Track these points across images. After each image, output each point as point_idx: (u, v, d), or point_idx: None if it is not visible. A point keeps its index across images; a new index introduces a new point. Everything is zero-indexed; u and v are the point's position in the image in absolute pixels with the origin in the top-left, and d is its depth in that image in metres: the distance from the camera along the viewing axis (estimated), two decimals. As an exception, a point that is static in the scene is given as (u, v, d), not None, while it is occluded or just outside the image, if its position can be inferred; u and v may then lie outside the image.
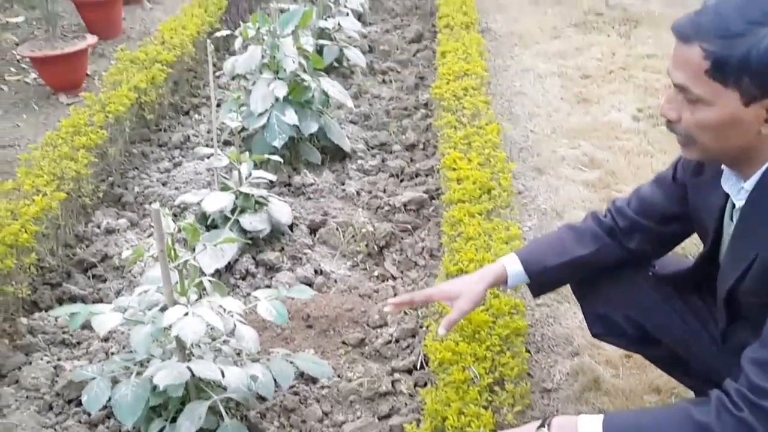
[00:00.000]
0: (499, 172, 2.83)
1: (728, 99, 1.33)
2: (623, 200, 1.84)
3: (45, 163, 2.94)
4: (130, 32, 5.56)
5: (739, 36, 1.29)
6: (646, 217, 1.77)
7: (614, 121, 3.99)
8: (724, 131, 1.37)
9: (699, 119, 1.38)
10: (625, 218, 1.79)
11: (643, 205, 1.78)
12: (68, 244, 2.91)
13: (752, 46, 1.27)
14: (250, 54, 3.42)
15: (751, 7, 1.30)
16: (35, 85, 4.68)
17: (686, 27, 1.36)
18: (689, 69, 1.35)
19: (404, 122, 3.99)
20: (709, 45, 1.31)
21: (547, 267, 1.82)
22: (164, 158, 3.67)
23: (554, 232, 1.93)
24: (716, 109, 1.35)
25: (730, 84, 1.32)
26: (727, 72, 1.31)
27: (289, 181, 3.41)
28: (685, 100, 1.40)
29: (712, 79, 1.33)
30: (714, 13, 1.33)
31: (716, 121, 1.36)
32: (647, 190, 1.79)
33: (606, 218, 1.84)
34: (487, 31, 5.22)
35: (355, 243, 2.97)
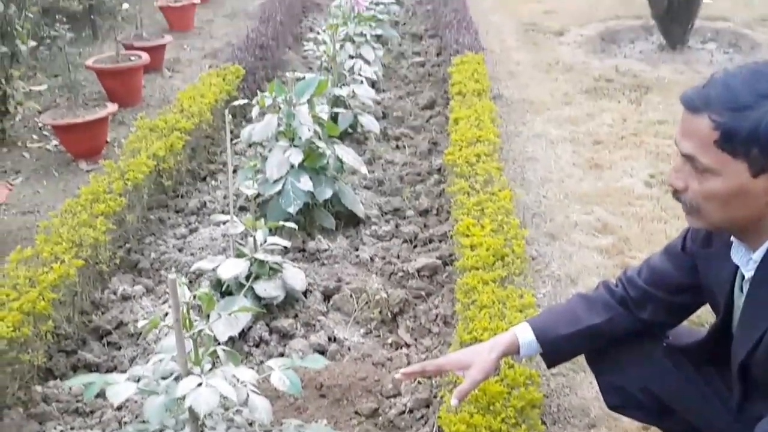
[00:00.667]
0: (513, 238, 2.84)
1: (737, 170, 1.35)
2: (634, 270, 1.84)
3: (64, 230, 2.98)
4: (150, 100, 5.69)
5: (749, 108, 1.32)
6: (657, 288, 1.77)
7: (627, 186, 4.01)
8: (731, 202, 1.39)
9: (706, 189, 1.40)
10: (636, 288, 1.79)
11: (654, 275, 1.78)
12: (84, 310, 2.93)
13: (761, 119, 1.30)
14: (267, 122, 3.49)
15: (760, 80, 1.33)
16: (56, 152, 4.78)
17: (695, 98, 1.39)
18: (698, 139, 1.38)
19: (418, 188, 4.02)
20: (719, 116, 1.34)
21: (559, 336, 1.81)
22: (181, 224, 3.71)
23: (566, 302, 1.94)
24: (724, 179, 1.37)
25: (738, 155, 1.34)
26: (736, 143, 1.33)
27: (303, 247, 3.43)
28: (692, 169, 1.42)
29: (721, 149, 1.35)
30: (723, 86, 1.36)
31: (724, 191, 1.38)
32: (657, 260, 1.80)
33: (617, 288, 1.84)
34: (498, 97, 5.30)
35: (369, 310, 2.97)
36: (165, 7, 7.48)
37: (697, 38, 6.69)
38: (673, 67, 5.96)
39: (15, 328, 2.40)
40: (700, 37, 6.73)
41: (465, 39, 5.60)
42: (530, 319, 1.88)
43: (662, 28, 6.41)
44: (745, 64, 1.42)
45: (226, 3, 8.70)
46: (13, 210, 4.03)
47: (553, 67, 6.10)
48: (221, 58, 6.37)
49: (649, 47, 6.59)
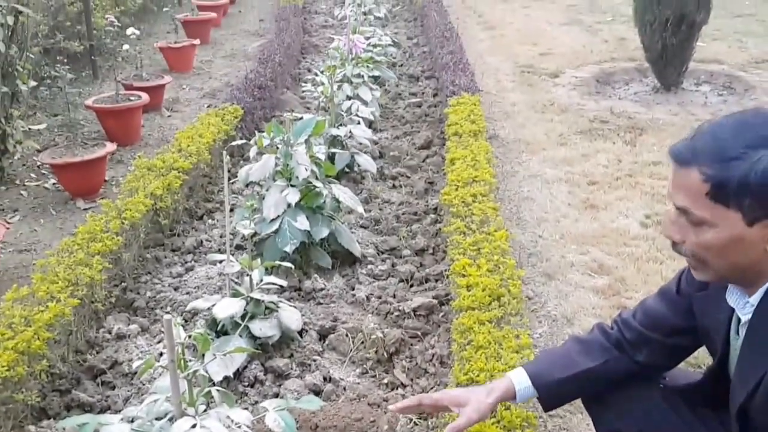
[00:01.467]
0: (509, 278, 2.85)
1: (731, 220, 1.36)
2: (629, 312, 1.84)
3: (60, 269, 2.99)
4: (149, 139, 5.73)
5: (737, 159, 1.32)
6: (653, 330, 1.77)
7: (622, 227, 4.03)
8: (729, 251, 1.39)
9: (703, 241, 1.40)
10: (632, 330, 1.79)
11: (649, 317, 1.78)
12: (79, 350, 2.91)
13: (750, 169, 1.31)
14: (264, 162, 3.51)
15: (746, 130, 1.34)
16: (54, 191, 4.80)
17: (684, 152, 1.40)
18: (690, 192, 1.38)
19: (414, 227, 4.04)
20: (708, 169, 1.35)
21: (554, 381, 1.80)
22: (177, 263, 3.71)
23: (562, 345, 1.93)
24: (720, 230, 1.37)
25: (731, 205, 1.34)
26: (728, 194, 1.34)
27: (299, 286, 3.43)
28: (687, 222, 1.42)
29: (714, 201, 1.36)
30: (710, 137, 1.37)
31: (721, 241, 1.38)
32: (652, 302, 1.80)
33: (613, 330, 1.83)
34: (494, 137, 5.35)
35: (365, 349, 2.96)
36: (165, 47, 7.57)
37: (691, 80, 6.78)
38: (668, 109, 6.03)
39: (9, 367, 2.39)
40: (694, 79, 6.83)
41: (461, 80, 5.67)
42: (526, 364, 1.87)
43: (656, 71, 6.50)
44: (731, 114, 1.43)
45: (225, 44, 8.81)
46: (9, 248, 4.03)
47: (548, 108, 6.17)
48: (220, 98, 6.43)
49: (644, 89, 6.67)
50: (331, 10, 10.27)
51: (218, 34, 9.22)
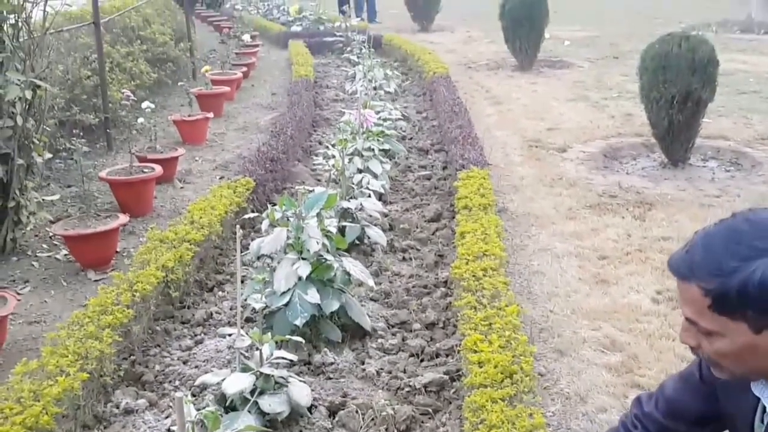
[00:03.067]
0: (521, 355, 2.83)
1: (738, 330, 1.37)
2: (650, 402, 1.81)
3: (70, 342, 2.98)
4: (161, 210, 5.78)
5: (733, 272, 1.34)
6: (677, 420, 1.75)
7: (633, 303, 4.00)
8: (742, 358, 1.40)
9: (716, 349, 1.42)
10: (655, 423, 1.78)
11: (672, 407, 1.76)
12: (86, 425, 2.88)
13: (747, 280, 1.32)
14: (276, 235, 3.54)
15: (738, 241, 1.36)
16: (65, 262, 4.82)
17: (681, 266, 1.42)
18: (694, 306, 1.40)
19: (424, 300, 4.03)
20: (706, 283, 1.37)
21: None
22: (186, 336, 3.70)
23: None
24: (729, 340, 1.38)
25: (735, 317, 1.36)
26: (730, 306, 1.35)
27: (309, 360, 3.41)
28: (698, 331, 1.43)
29: (718, 313, 1.37)
30: (704, 251, 1.39)
31: (733, 350, 1.39)
32: (673, 389, 1.78)
33: (637, 429, 1.80)
34: (503, 211, 5.38)
35: (375, 427, 2.92)
36: (179, 120, 7.71)
37: (698, 156, 6.84)
38: (676, 184, 6.06)
39: (16, 443, 2.36)
40: (701, 155, 6.88)
41: (470, 154, 5.74)
42: None
43: (663, 147, 6.56)
44: (721, 222, 1.44)
45: (238, 117, 8.97)
46: (20, 320, 4.03)
47: (556, 182, 6.21)
48: (232, 170, 6.51)
49: (651, 164, 6.72)
50: (342, 84, 10.48)
51: (231, 107, 9.40)
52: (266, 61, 13.00)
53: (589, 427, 2.95)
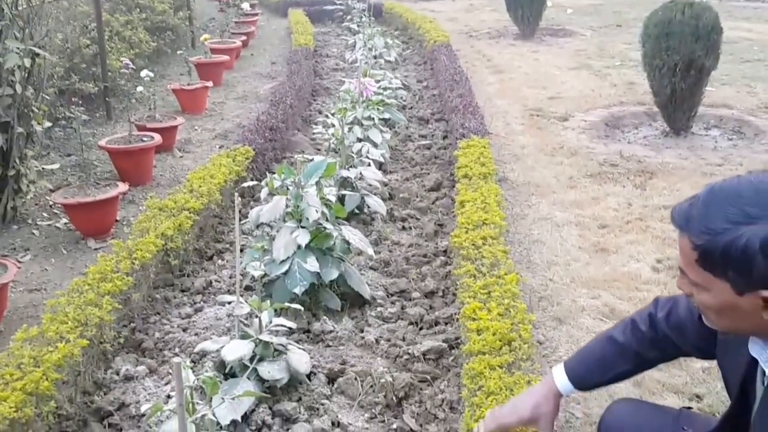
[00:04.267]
0: (520, 323, 2.83)
1: (721, 288, 1.39)
2: (664, 309, 1.85)
3: (70, 309, 2.99)
4: (161, 179, 5.77)
5: (720, 233, 1.36)
6: (682, 338, 1.81)
7: (633, 271, 4.01)
8: (725, 314, 1.43)
9: (701, 301, 1.46)
10: (662, 331, 1.84)
11: (677, 324, 1.81)
12: (87, 391, 2.90)
13: (731, 244, 1.34)
14: (275, 204, 3.53)
15: (734, 205, 1.37)
16: (65, 230, 4.82)
17: (680, 217, 1.45)
18: (684, 256, 1.44)
19: (423, 269, 4.03)
20: (696, 238, 1.39)
21: (592, 383, 1.97)
22: (186, 303, 3.71)
23: (598, 344, 1.97)
24: (713, 295, 1.42)
25: (718, 275, 1.39)
26: (713, 264, 1.38)
27: (308, 328, 3.42)
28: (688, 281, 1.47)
29: (703, 268, 1.40)
30: (703, 207, 1.40)
31: (715, 305, 1.43)
32: (684, 313, 1.80)
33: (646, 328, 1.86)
34: (504, 180, 5.36)
35: (374, 393, 2.93)
36: (178, 89, 7.67)
37: (701, 125, 6.80)
38: (677, 153, 6.04)
39: (17, 408, 2.38)
40: (704, 124, 6.85)
41: (471, 123, 5.71)
42: (567, 365, 1.96)
43: (666, 115, 6.52)
44: (733, 178, 1.45)
45: (237, 86, 8.92)
46: (20, 287, 4.04)
47: (557, 151, 6.19)
48: (231, 139, 6.49)
49: (653, 133, 6.69)
50: (342, 53, 10.40)
51: (230, 76, 9.34)
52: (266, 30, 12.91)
53: (586, 394, 2.96)
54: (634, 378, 3.00)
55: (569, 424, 2.80)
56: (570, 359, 1.99)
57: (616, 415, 1.97)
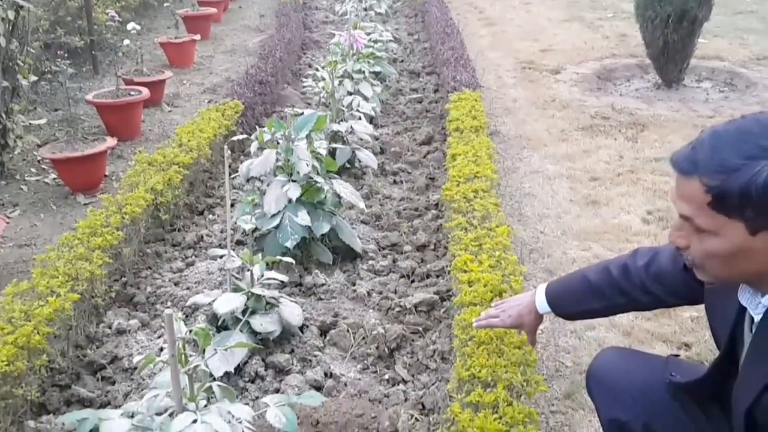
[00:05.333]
0: (510, 274, 2.84)
1: (734, 230, 1.35)
2: (644, 259, 1.86)
3: (60, 263, 2.97)
4: (149, 134, 5.71)
5: (737, 170, 1.31)
6: (660, 287, 1.82)
7: (624, 223, 4.02)
8: (733, 259, 1.38)
9: (708, 249, 1.40)
10: (639, 278, 1.85)
11: (660, 276, 1.82)
12: (79, 344, 2.90)
13: (751, 180, 1.30)
14: (265, 158, 3.50)
15: (746, 141, 1.33)
16: (54, 185, 4.79)
17: (684, 162, 1.39)
18: (692, 202, 1.38)
19: (415, 223, 4.03)
20: (709, 180, 1.34)
21: (566, 311, 2.07)
22: (177, 258, 3.70)
23: (575, 278, 2.04)
24: (723, 239, 1.37)
25: (733, 216, 1.34)
26: (729, 205, 1.33)
27: (300, 281, 3.42)
28: (692, 229, 1.41)
29: (716, 211, 1.35)
30: (710, 148, 1.36)
31: (724, 251, 1.38)
32: (666, 262, 1.81)
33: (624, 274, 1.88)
34: (495, 133, 5.34)
35: (366, 345, 2.95)
36: (165, 43, 7.55)
37: (693, 77, 6.76)
38: (669, 105, 6.01)
39: (9, 362, 2.38)
40: (696, 76, 6.81)
41: (462, 76, 5.65)
42: (549, 287, 2.07)
43: (658, 67, 6.48)
44: (731, 121, 1.42)
45: (225, 40, 8.79)
46: (9, 243, 4.02)
47: (549, 104, 6.15)
48: (220, 93, 6.42)
49: (645, 85, 6.66)
50: (332, 6, 10.24)
51: (219, 29, 9.20)
52: (254, -18, 12.67)
53: (576, 344, 3.00)
54: (623, 328, 3.04)
55: (559, 373, 2.84)
56: (552, 282, 2.10)
57: (604, 363, 1.98)
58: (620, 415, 1.87)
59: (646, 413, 1.82)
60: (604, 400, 1.92)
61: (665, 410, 1.81)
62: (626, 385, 1.86)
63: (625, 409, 1.86)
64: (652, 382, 1.84)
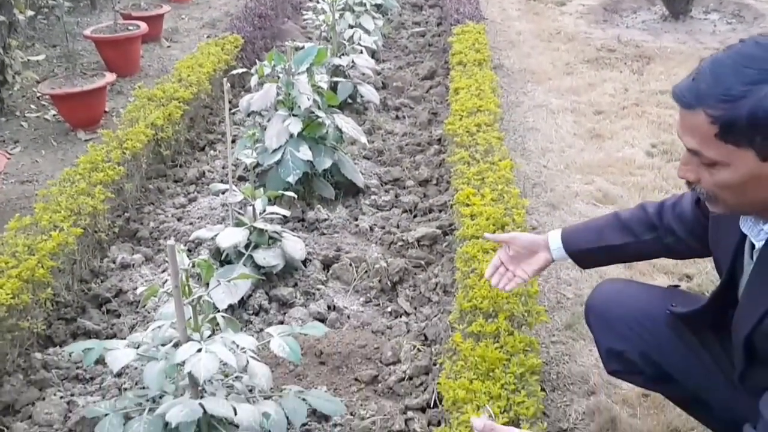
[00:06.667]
0: (513, 207, 2.83)
1: (744, 158, 1.33)
2: (673, 199, 1.85)
3: (62, 198, 2.97)
4: (148, 70, 5.65)
5: (742, 98, 1.28)
6: (681, 226, 1.81)
7: (628, 156, 3.99)
8: (745, 188, 1.36)
9: (718, 180, 1.38)
10: (666, 218, 1.84)
11: (682, 214, 1.81)
12: (83, 279, 2.92)
13: (757, 106, 1.27)
14: (266, 92, 3.46)
15: (748, 66, 1.30)
16: (54, 122, 4.76)
17: (687, 94, 1.36)
18: (698, 134, 1.35)
19: (417, 158, 4.01)
20: (714, 110, 1.31)
21: (581, 249, 1.95)
22: (179, 194, 3.70)
23: (602, 218, 2.00)
24: (734, 169, 1.34)
25: (742, 144, 1.31)
26: (738, 134, 1.30)
27: (302, 217, 3.42)
28: (700, 162, 1.39)
29: (724, 141, 1.32)
30: (712, 77, 1.33)
31: (736, 180, 1.36)
32: (687, 203, 1.81)
33: (652, 210, 1.87)
34: (499, 67, 5.26)
35: (369, 279, 2.97)
36: (163, -24, 7.40)
37: (700, 8, 6.63)
38: (676, 37, 5.91)
39: (14, 295, 2.40)
40: (703, 8, 6.68)
41: (466, 9, 5.55)
42: (564, 229, 2.00)
43: (665, -1, 6.35)
44: (729, 47, 1.38)
45: (224, -27, 8.61)
46: (11, 179, 4.02)
47: (554, 37, 6.05)
48: (220, 27, 6.32)
49: (652, 17, 6.53)
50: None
51: (217, -38, 9.00)
52: None
53: (578, 276, 3.01)
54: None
55: (560, 305, 2.86)
56: (569, 226, 2.03)
57: (603, 295, 1.99)
58: (617, 345, 1.89)
59: (644, 342, 1.84)
60: (602, 331, 1.94)
61: (663, 340, 1.82)
62: (624, 316, 1.87)
63: (622, 339, 1.87)
64: (650, 312, 1.85)
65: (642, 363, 1.86)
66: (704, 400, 1.83)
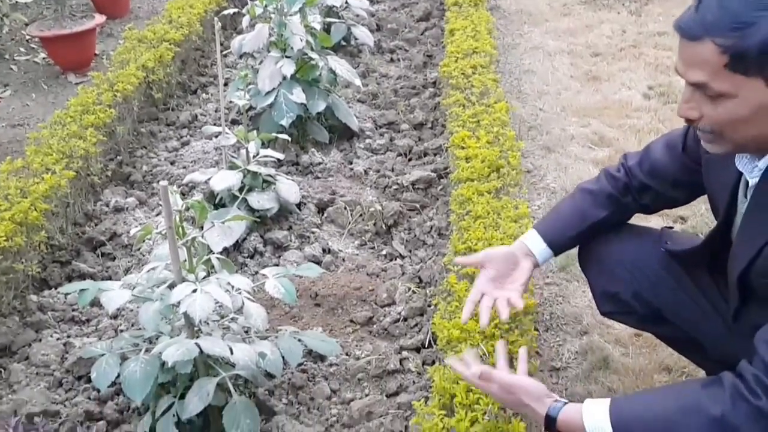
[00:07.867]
0: (508, 150, 2.81)
1: (753, 88, 1.29)
2: (635, 158, 1.83)
3: (54, 141, 2.94)
4: (138, 11, 5.55)
5: (753, 24, 1.25)
6: (655, 179, 1.79)
7: (624, 99, 3.96)
8: (752, 120, 1.33)
9: (725, 113, 1.34)
10: (637, 179, 1.81)
11: (653, 167, 1.79)
12: (77, 222, 2.91)
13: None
14: (258, 32, 3.40)
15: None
16: (44, 65, 4.69)
17: (693, 25, 1.32)
18: (706, 66, 1.31)
19: (412, 101, 3.97)
20: (723, 40, 1.27)
21: (568, 238, 1.86)
22: (172, 137, 3.67)
23: (570, 197, 1.92)
24: (741, 99, 1.31)
25: (752, 73, 1.28)
26: (748, 62, 1.27)
27: (296, 160, 3.40)
28: (704, 96, 1.35)
29: (733, 72, 1.29)
30: (718, 6, 1.29)
31: (744, 111, 1.32)
32: (659, 153, 1.78)
33: (620, 174, 1.84)
34: (496, 8, 5.18)
35: (363, 222, 2.97)
36: None
37: (701, -52, 6.50)
38: (675, -22, 5.80)
39: (7, 237, 2.39)
40: (704, -53, 6.55)
41: (462, -52, 5.42)
42: (538, 226, 1.87)
43: (665, -63, 6.21)
44: None
45: None
46: (2, 123, 3.98)
47: (551, -23, 5.93)
48: (210, -32, 6.17)
49: (651, -43, 6.40)
50: None
51: None
52: None
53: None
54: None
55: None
56: (539, 221, 1.91)
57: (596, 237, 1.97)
58: (611, 287, 1.89)
59: (637, 282, 1.84)
60: (596, 273, 1.94)
61: (656, 280, 1.82)
62: (617, 257, 1.86)
63: (616, 280, 1.87)
64: (644, 253, 1.84)
65: (635, 303, 1.86)
66: (697, 340, 1.84)
